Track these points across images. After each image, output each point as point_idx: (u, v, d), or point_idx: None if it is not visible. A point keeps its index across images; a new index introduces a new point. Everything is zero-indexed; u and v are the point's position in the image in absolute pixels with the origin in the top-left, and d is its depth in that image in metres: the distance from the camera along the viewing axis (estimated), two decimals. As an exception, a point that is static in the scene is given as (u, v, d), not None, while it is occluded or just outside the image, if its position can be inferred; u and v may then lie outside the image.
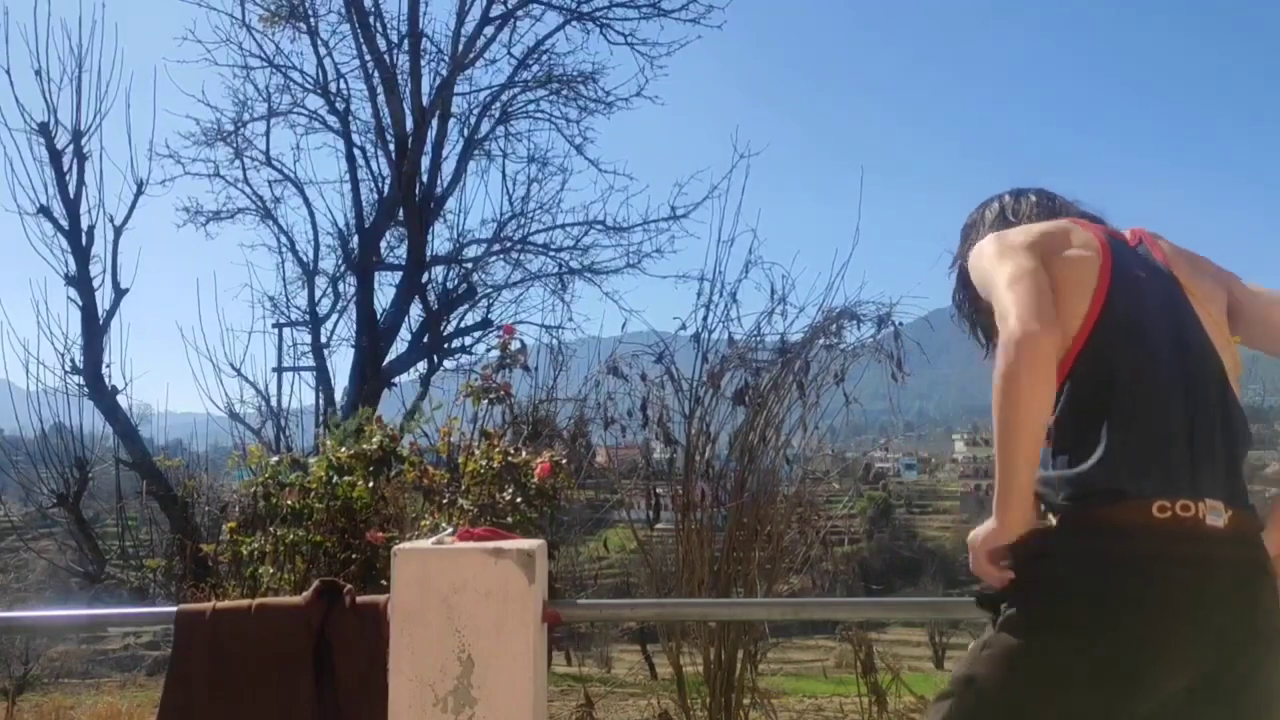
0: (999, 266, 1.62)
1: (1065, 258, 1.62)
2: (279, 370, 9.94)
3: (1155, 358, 1.54)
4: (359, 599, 2.34)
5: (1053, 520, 1.54)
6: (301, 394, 10.52)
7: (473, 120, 10.83)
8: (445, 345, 10.81)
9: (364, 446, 3.52)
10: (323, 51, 10.19)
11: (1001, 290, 1.56)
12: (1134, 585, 1.41)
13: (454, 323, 11.03)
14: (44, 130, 7.78)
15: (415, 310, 10.72)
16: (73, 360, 7.86)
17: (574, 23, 10.48)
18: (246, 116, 10.37)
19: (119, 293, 8.09)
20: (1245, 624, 1.42)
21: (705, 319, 4.81)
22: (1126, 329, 1.56)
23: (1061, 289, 1.57)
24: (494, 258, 11.20)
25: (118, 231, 8.09)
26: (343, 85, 10.41)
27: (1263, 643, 1.44)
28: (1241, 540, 1.47)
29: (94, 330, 7.95)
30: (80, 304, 7.96)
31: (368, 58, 9.91)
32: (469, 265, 11.06)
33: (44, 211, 7.86)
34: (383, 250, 10.73)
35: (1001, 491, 1.50)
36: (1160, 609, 1.40)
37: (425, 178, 10.32)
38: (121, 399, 8.05)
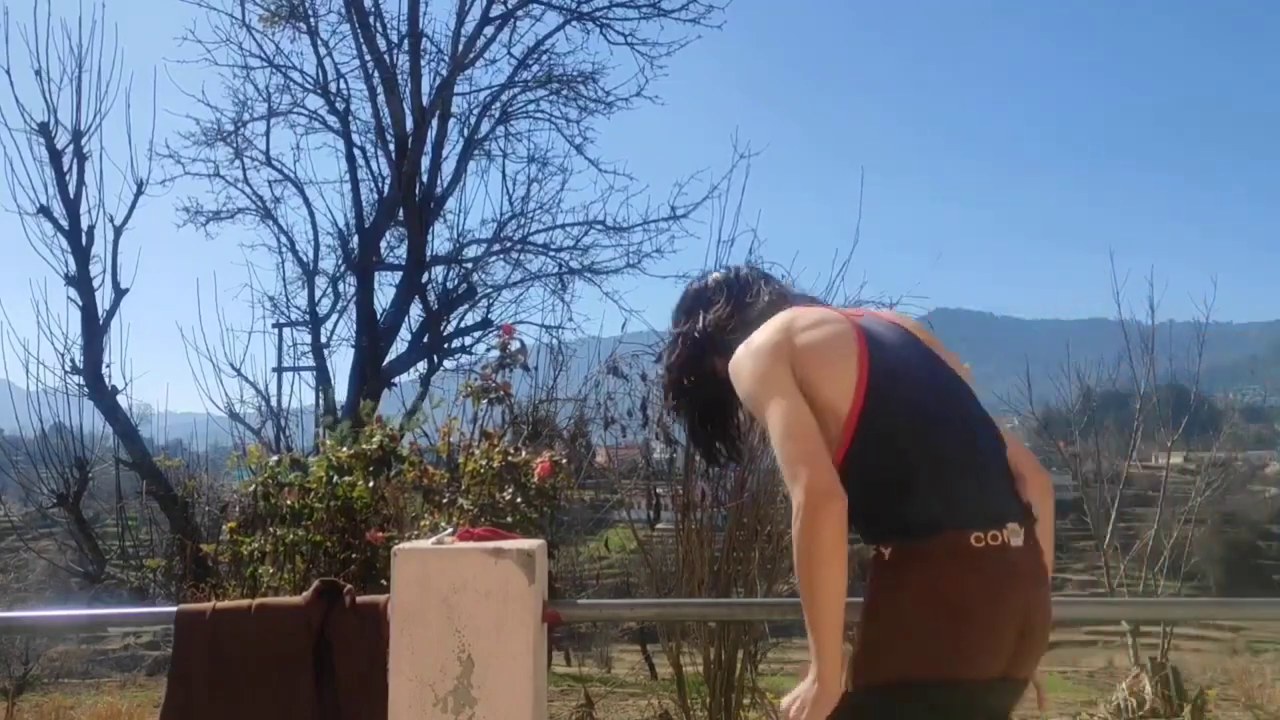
0: (768, 396, 1.71)
1: (817, 338, 1.75)
2: (279, 370, 9.95)
3: (923, 400, 1.71)
4: (359, 599, 2.34)
5: (883, 552, 1.67)
6: (301, 394, 10.51)
7: (473, 120, 10.84)
8: (445, 345, 10.81)
9: (364, 446, 3.52)
10: (323, 51, 10.20)
11: (781, 437, 1.65)
12: (974, 600, 1.60)
13: (454, 323, 11.03)
14: (44, 130, 7.78)
15: (415, 310, 10.73)
16: (73, 360, 7.86)
17: (574, 23, 10.48)
18: (246, 116, 10.38)
19: (119, 293, 8.09)
20: (1035, 616, 1.66)
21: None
22: (893, 379, 1.71)
23: (826, 362, 1.71)
24: (494, 258, 11.21)
25: (118, 231, 8.10)
26: (343, 85, 10.42)
27: (1043, 628, 1.70)
28: (1033, 550, 1.69)
29: (94, 330, 7.94)
30: (80, 304, 7.95)
31: (368, 58, 9.91)
32: (469, 265, 11.07)
33: (44, 211, 7.85)
34: (383, 250, 10.72)
35: (825, 655, 1.58)
36: (988, 619, 1.60)
37: (425, 178, 10.31)
38: (121, 399, 8.05)
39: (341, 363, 10.78)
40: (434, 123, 10.25)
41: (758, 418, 1.77)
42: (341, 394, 9.83)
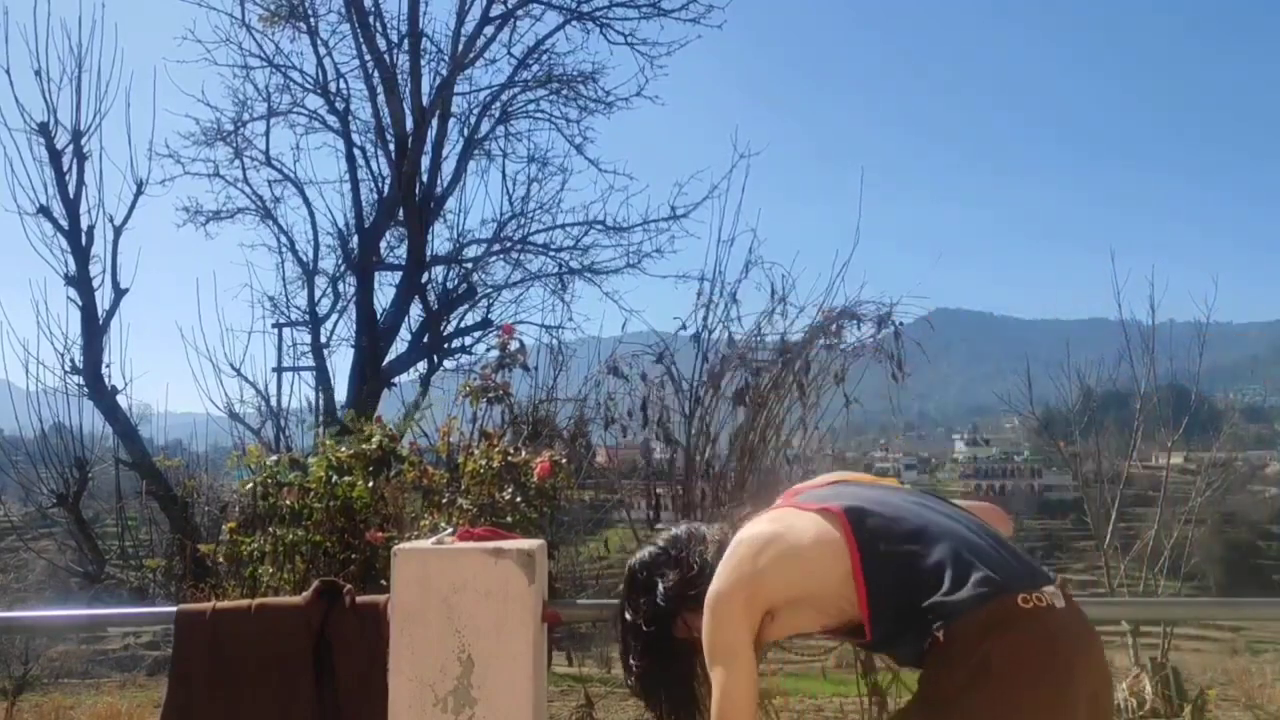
0: (714, 662, 1.78)
1: (780, 552, 1.80)
2: (279, 370, 9.93)
3: (908, 513, 1.78)
4: (359, 599, 2.34)
5: (937, 636, 1.65)
6: (301, 394, 10.49)
7: (473, 120, 10.84)
8: (445, 345, 10.80)
9: (364, 446, 3.51)
10: (323, 51, 10.20)
11: (718, 709, 1.76)
12: (1041, 658, 1.61)
13: (454, 323, 11.02)
14: (44, 130, 7.77)
15: (415, 310, 10.72)
16: (72, 360, 7.85)
17: (574, 22, 10.48)
18: (246, 116, 10.38)
19: (119, 293, 8.08)
20: (1099, 678, 1.69)
21: (705, 319, 4.80)
22: (875, 519, 1.76)
23: (801, 563, 1.78)
24: (494, 258, 11.20)
25: (117, 231, 8.08)
26: (343, 85, 10.41)
27: (1107, 688, 1.72)
28: (1078, 612, 1.72)
29: (94, 330, 7.94)
30: (80, 304, 7.94)
31: (368, 58, 9.91)
32: (469, 265, 11.06)
33: (44, 211, 7.84)
34: (383, 250, 10.72)
35: None
36: (1059, 677, 1.61)
37: (425, 178, 10.31)
38: (121, 399, 8.04)
39: (341, 363, 10.78)
40: (434, 123, 10.25)
41: (708, 673, 1.83)
42: (341, 394, 9.85)
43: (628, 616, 2.00)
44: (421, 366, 10.59)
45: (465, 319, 11.07)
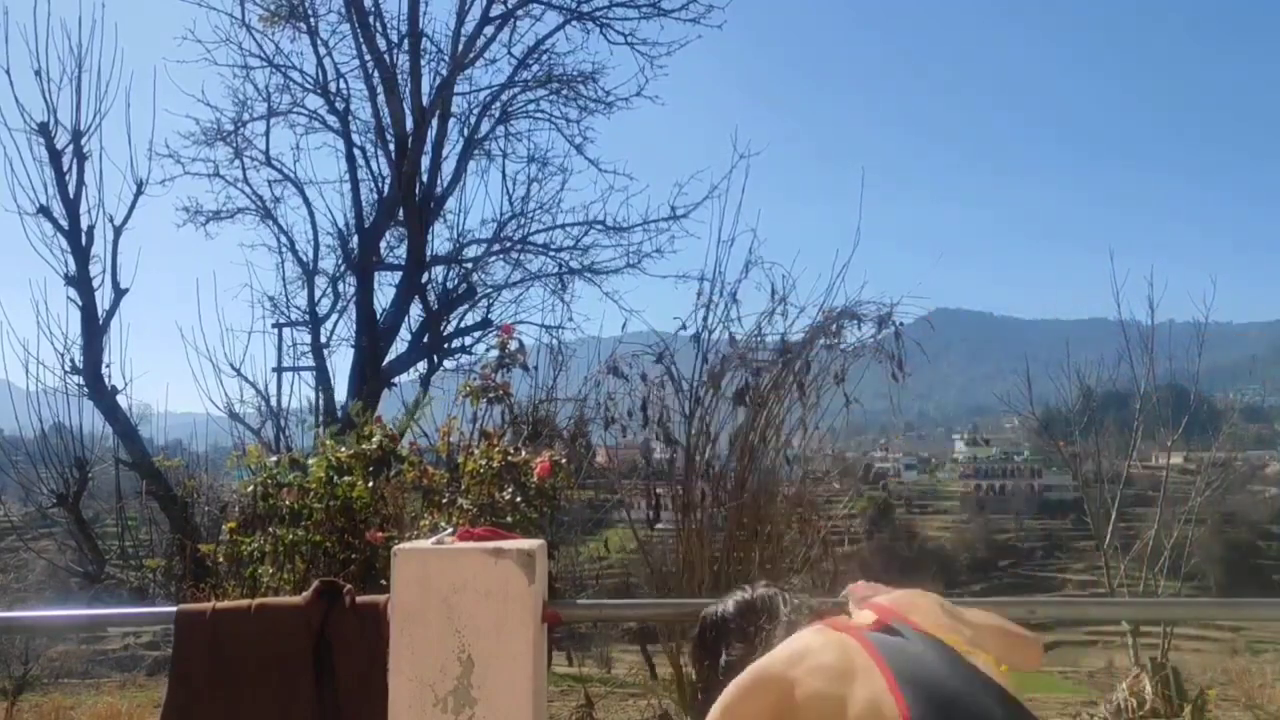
0: None
1: (839, 699, 1.61)
2: (279, 370, 9.93)
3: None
4: (359, 599, 2.34)
5: None
6: (301, 394, 10.49)
7: (473, 120, 10.84)
8: (445, 345, 10.81)
9: (364, 446, 3.52)
10: (323, 51, 10.20)
11: None
12: None
13: (454, 323, 11.03)
14: (44, 130, 7.77)
15: (415, 310, 10.72)
16: (72, 360, 7.85)
17: (574, 22, 10.48)
18: (246, 116, 10.38)
19: (119, 293, 8.08)
20: None
21: (705, 319, 4.81)
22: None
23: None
24: (494, 258, 11.20)
25: (117, 231, 8.08)
26: (343, 85, 10.41)
27: None
28: None
29: (94, 330, 7.94)
30: (80, 304, 7.94)
31: (368, 57, 9.91)
32: (469, 265, 11.06)
33: (44, 211, 7.84)
34: (383, 250, 10.72)
35: None
36: None
37: (425, 178, 10.31)
38: (121, 399, 8.03)
39: (341, 363, 10.77)
40: (434, 123, 10.25)
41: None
42: (341, 394, 9.84)
43: (694, 664, 2.00)
44: (421, 366, 10.61)
45: (465, 319, 11.09)
